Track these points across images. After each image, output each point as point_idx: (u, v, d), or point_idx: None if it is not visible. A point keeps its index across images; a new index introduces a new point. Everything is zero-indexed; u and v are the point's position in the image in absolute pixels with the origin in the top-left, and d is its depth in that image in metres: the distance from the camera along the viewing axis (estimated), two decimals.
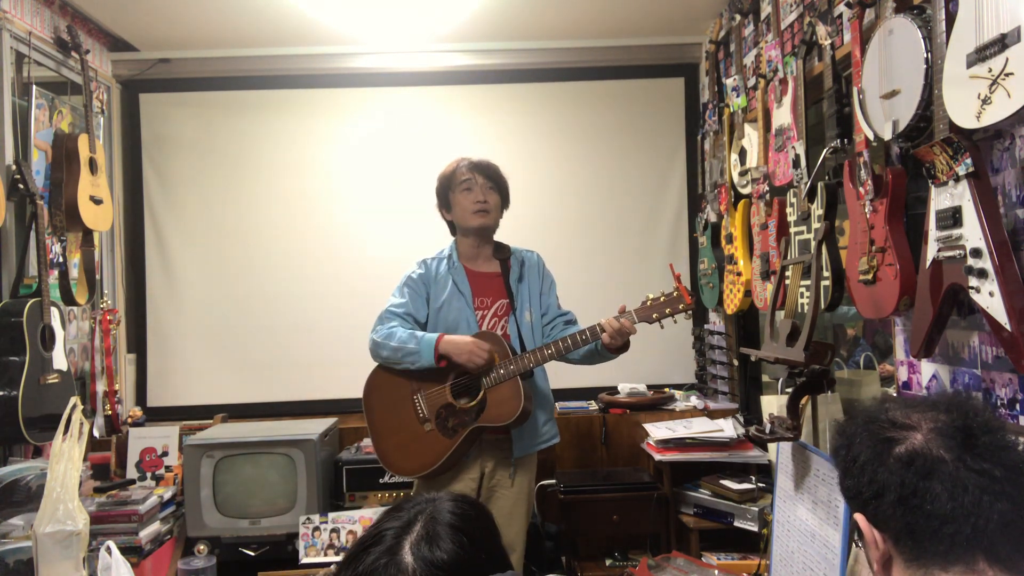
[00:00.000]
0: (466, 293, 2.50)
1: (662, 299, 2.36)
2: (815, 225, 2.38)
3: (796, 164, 2.37)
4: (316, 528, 2.84)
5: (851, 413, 1.03)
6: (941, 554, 0.85)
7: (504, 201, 2.57)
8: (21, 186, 2.64)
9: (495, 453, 2.45)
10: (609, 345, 2.35)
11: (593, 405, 3.46)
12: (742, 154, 2.92)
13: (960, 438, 0.88)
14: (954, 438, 0.88)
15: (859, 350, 3.08)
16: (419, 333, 2.41)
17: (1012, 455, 0.88)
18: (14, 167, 2.66)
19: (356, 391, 2.53)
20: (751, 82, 2.97)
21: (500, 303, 2.52)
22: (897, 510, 0.88)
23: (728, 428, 2.89)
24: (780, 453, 2.08)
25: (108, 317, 3.25)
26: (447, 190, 2.55)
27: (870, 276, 1.88)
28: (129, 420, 3.40)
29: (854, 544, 1.00)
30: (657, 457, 2.82)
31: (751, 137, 2.85)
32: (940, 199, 1.61)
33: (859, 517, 0.95)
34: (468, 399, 2.39)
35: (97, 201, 3.03)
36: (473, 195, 2.49)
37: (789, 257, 2.39)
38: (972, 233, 1.50)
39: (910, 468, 0.88)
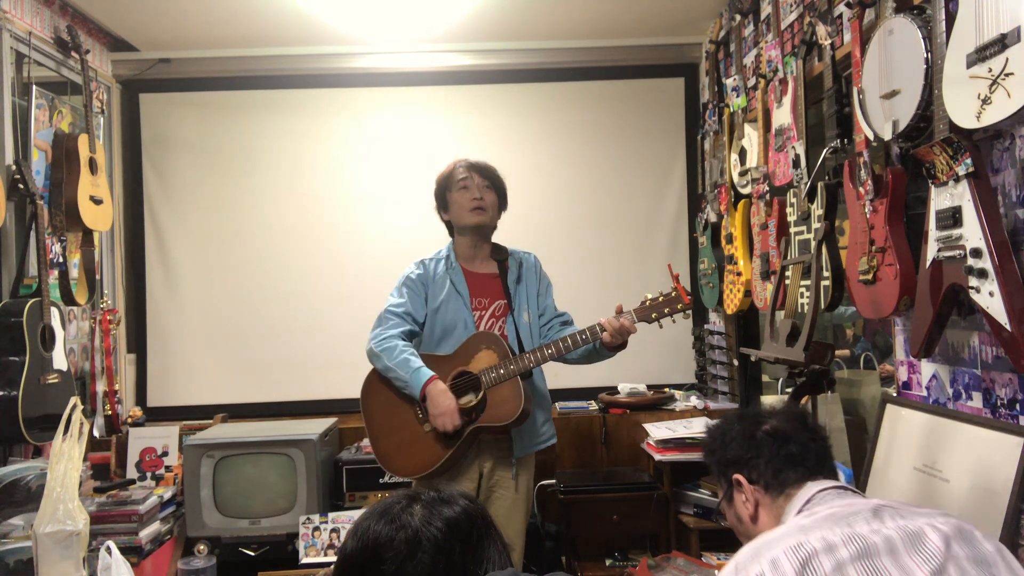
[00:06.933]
0: (464, 294, 2.50)
1: (660, 299, 2.36)
2: (815, 225, 2.38)
3: (796, 164, 2.37)
4: (316, 528, 2.84)
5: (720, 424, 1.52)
6: (792, 482, 1.33)
7: (501, 202, 2.56)
8: (21, 186, 2.64)
9: (494, 453, 2.44)
10: (608, 344, 2.36)
11: (593, 405, 3.46)
12: (742, 154, 2.92)
13: (798, 421, 1.43)
14: (793, 420, 1.43)
15: (859, 347, 3.08)
16: (414, 363, 2.37)
17: (818, 429, 1.44)
18: (14, 167, 2.66)
19: (356, 391, 2.52)
20: (751, 82, 2.97)
21: (498, 304, 2.51)
22: (771, 461, 1.36)
23: None
24: None
25: (108, 317, 3.25)
26: (444, 190, 2.55)
27: (870, 276, 1.88)
28: (129, 420, 3.40)
29: (724, 504, 1.45)
30: (657, 457, 2.82)
31: (751, 137, 2.85)
32: (940, 199, 1.61)
33: (740, 477, 1.38)
34: (468, 399, 2.38)
35: (97, 201, 3.03)
36: (470, 192, 2.49)
37: (789, 257, 2.39)
38: (972, 233, 1.50)
39: (776, 436, 1.39)
